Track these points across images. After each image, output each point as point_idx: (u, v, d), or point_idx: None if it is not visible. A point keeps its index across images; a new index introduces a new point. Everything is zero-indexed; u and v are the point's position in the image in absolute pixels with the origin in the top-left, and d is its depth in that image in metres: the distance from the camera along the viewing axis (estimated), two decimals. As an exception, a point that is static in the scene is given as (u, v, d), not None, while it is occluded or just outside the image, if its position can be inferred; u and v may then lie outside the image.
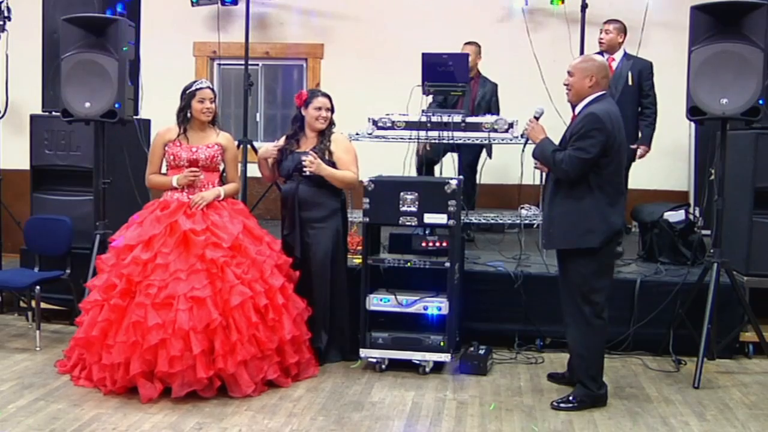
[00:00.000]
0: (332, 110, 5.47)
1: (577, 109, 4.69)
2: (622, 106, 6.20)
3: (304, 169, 5.27)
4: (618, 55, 6.45)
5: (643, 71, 6.39)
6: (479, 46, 7.41)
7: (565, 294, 4.73)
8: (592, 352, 4.66)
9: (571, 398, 4.70)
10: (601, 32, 6.58)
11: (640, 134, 6.54)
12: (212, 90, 5.24)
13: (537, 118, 4.82)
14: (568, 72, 4.71)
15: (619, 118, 4.65)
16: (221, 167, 5.29)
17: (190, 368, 4.62)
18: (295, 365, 5.03)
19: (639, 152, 6.48)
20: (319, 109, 5.39)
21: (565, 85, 4.73)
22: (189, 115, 5.17)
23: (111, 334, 4.75)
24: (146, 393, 4.63)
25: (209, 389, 4.70)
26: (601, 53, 6.59)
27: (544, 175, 4.88)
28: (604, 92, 4.68)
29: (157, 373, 4.64)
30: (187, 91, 5.17)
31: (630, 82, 6.33)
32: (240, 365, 4.72)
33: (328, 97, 5.48)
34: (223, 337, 4.68)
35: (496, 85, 7.27)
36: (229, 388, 4.74)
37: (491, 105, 7.16)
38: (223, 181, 5.28)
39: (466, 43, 7.45)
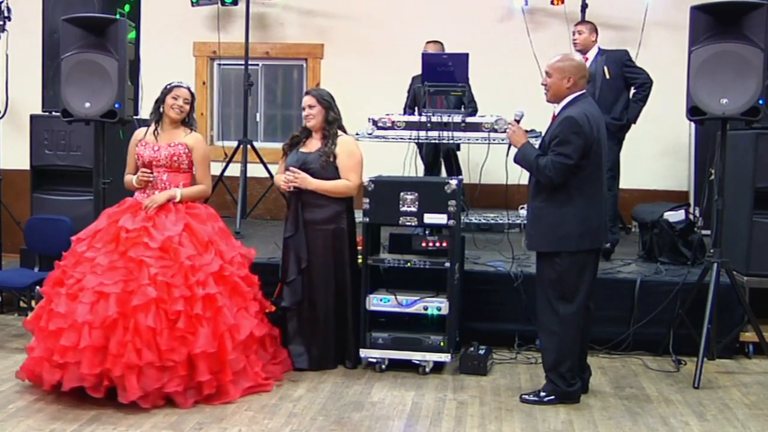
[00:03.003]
0: (326, 107, 5.30)
1: (557, 110, 4.70)
2: (602, 101, 6.25)
3: (289, 186, 5.23)
4: (591, 54, 6.45)
5: (618, 61, 6.36)
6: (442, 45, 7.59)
7: (540, 292, 4.76)
8: (563, 351, 4.67)
9: (540, 393, 4.75)
10: (574, 34, 6.60)
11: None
12: (191, 92, 5.22)
13: (518, 121, 4.82)
14: (546, 72, 4.71)
15: (598, 117, 4.66)
16: (185, 167, 5.15)
17: (77, 363, 4.50)
18: (208, 384, 4.63)
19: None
20: (303, 108, 5.36)
21: (543, 85, 4.73)
22: (161, 111, 5.16)
23: (42, 321, 4.76)
24: (48, 379, 4.61)
25: (97, 389, 4.53)
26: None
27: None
28: (582, 92, 4.69)
29: (51, 363, 4.59)
30: (165, 88, 5.19)
31: (607, 76, 6.33)
32: (129, 369, 4.47)
33: (314, 94, 5.36)
34: (121, 337, 4.50)
35: None
36: (117, 391, 4.52)
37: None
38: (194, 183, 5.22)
39: (430, 42, 7.60)
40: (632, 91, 6.43)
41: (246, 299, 5.00)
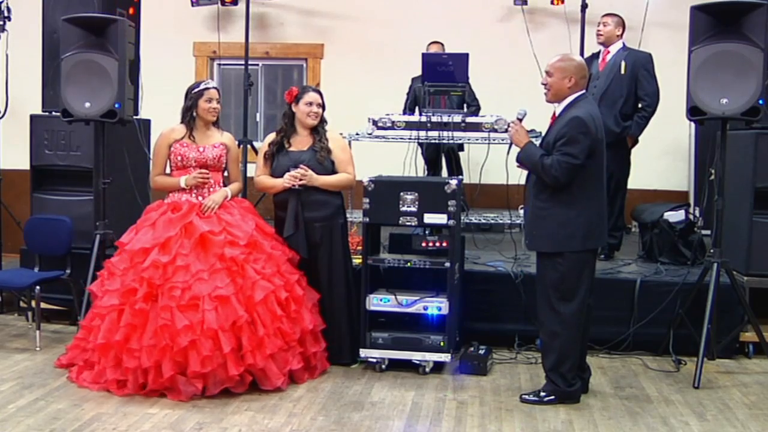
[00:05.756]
0: (323, 107, 5.36)
1: (558, 109, 4.69)
2: (610, 94, 6.27)
3: (296, 184, 5.19)
4: (614, 48, 6.42)
5: (639, 62, 6.31)
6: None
7: (540, 292, 4.75)
8: (564, 351, 4.67)
9: (540, 393, 4.75)
10: (599, 25, 6.57)
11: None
12: (218, 90, 5.28)
13: (520, 120, 4.81)
14: (547, 72, 4.69)
15: (600, 118, 4.67)
16: (224, 166, 5.30)
17: (221, 366, 4.65)
18: (314, 356, 5.08)
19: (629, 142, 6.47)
20: (310, 104, 5.29)
21: (543, 84, 4.72)
22: (194, 114, 5.18)
23: (135, 338, 4.72)
24: (188, 390, 4.66)
25: (241, 385, 4.75)
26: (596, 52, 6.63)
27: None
28: (583, 92, 4.68)
29: (189, 374, 4.64)
30: (194, 91, 5.19)
31: (623, 71, 6.30)
32: (268, 359, 4.77)
33: (319, 92, 5.38)
34: (250, 333, 4.73)
35: None
36: (259, 382, 4.78)
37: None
38: (225, 181, 5.29)
39: (433, 42, 7.68)
40: (639, 105, 6.38)
41: (305, 279, 5.21)
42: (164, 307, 4.69)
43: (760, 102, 5.03)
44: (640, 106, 6.33)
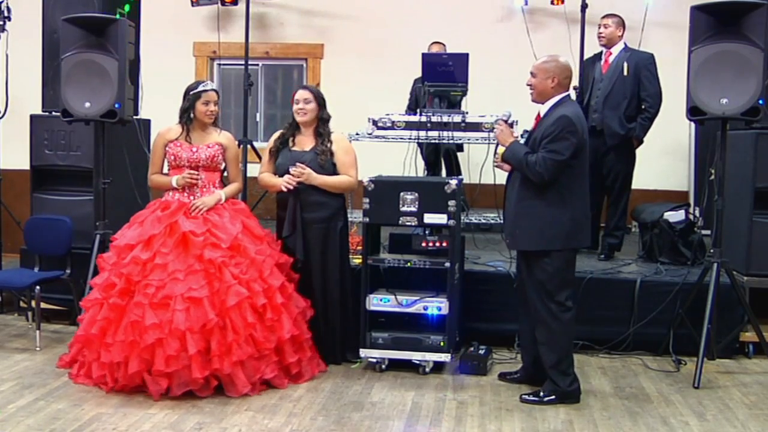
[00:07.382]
0: (320, 104, 5.31)
1: (543, 110, 4.71)
2: (613, 96, 6.29)
3: (294, 182, 5.18)
4: (616, 49, 6.42)
5: (641, 62, 6.31)
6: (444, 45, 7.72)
7: (532, 292, 4.75)
8: (563, 348, 4.69)
9: (540, 393, 4.75)
10: (599, 27, 6.56)
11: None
12: (217, 92, 5.25)
13: (505, 121, 4.83)
14: (531, 72, 4.73)
15: (584, 119, 4.73)
16: (222, 166, 5.29)
17: (185, 368, 4.63)
18: (295, 364, 4.99)
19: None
20: (297, 101, 5.30)
21: (528, 85, 4.75)
22: (192, 115, 5.16)
23: (110, 332, 4.77)
24: (155, 389, 4.66)
25: (206, 389, 4.71)
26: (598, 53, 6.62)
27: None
28: (567, 93, 4.72)
29: (154, 372, 4.65)
30: (192, 92, 5.16)
31: (625, 73, 6.30)
32: (236, 365, 4.72)
33: (310, 89, 5.36)
34: (220, 337, 4.69)
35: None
36: (225, 387, 4.74)
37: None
38: (224, 181, 5.29)
39: (435, 43, 7.72)
40: (642, 106, 6.38)
41: (295, 283, 5.18)
42: (137, 304, 4.72)
43: (760, 102, 5.03)
44: (642, 107, 6.33)
